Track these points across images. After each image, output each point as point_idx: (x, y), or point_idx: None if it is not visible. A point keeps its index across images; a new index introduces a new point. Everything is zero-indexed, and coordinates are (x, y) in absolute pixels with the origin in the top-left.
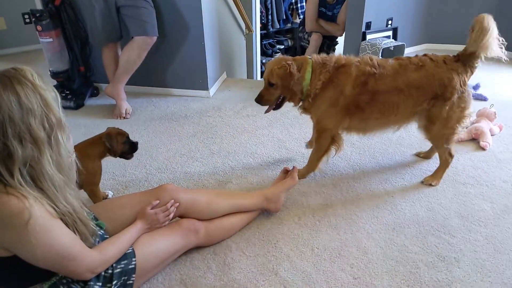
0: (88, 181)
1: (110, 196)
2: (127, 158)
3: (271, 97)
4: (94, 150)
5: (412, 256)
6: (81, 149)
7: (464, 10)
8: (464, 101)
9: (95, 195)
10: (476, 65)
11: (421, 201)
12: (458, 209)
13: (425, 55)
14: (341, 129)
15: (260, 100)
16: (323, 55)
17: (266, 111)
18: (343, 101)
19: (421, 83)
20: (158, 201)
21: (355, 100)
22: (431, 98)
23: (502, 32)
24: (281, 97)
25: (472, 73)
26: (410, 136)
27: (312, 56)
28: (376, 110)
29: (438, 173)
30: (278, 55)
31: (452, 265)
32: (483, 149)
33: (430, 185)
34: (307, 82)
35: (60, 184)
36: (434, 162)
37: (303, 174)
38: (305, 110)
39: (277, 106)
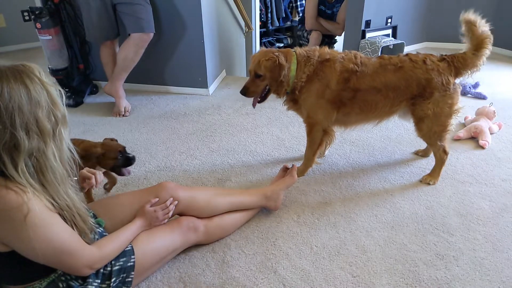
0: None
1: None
2: (120, 174)
3: (257, 88)
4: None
5: (411, 255)
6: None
7: (464, 8)
8: (450, 97)
9: (88, 197)
10: (464, 72)
11: (420, 200)
12: (457, 207)
13: (406, 55)
14: (331, 121)
15: (245, 92)
16: (306, 48)
17: (253, 104)
18: (329, 95)
19: (397, 84)
20: (157, 199)
21: (338, 95)
22: (409, 98)
23: (501, 30)
24: (266, 89)
25: (458, 75)
26: (409, 134)
27: (295, 49)
28: (356, 106)
29: (435, 171)
30: (262, 48)
31: (451, 263)
32: (482, 147)
33: (428, 184)
34: (293, 74)
35: (62, 177)
36: (433, 160)
37: (301, 171)
38: (293, 103)
39: (262, 98)
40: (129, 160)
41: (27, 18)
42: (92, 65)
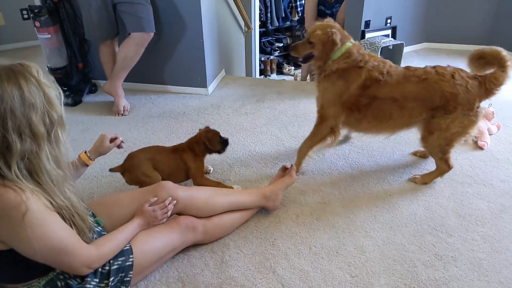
0: (195, 175)
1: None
2: (220, 153)
3: (302, 51)
4: (198, 148)
5: (409, 255)
6: (186, 147)
7: (464, 9)
8: (468, 118)
9: (204, 183)
10: (496, 92)
11: (418, 200)
12: (456, 208)
13: (434, 67)
14: (340, 121)
15: (292, 49)
16: (362, 48)
17: (299, 59)
18: (346, 97)
19: (418, 95)
20: (156, 198)
21: (355, 100)
22: (430, 109)
23: (501, 32)
24: (311, 54)
25: (488, 96)
26: (409, 135)
27: (355, 43)
28: (370, 114)
29: (429, 176)
30: (328, 20)
31: (449, 264)
32: (481, 148)
33: (414, 182)
34: (333, 58)
35: (58, 179)
36: (432, 162)
37: (296, 166)
38: (317, 83)
39: (304, 59)
40: (226, 142)
41: (26, 16)
42: (91, 64)
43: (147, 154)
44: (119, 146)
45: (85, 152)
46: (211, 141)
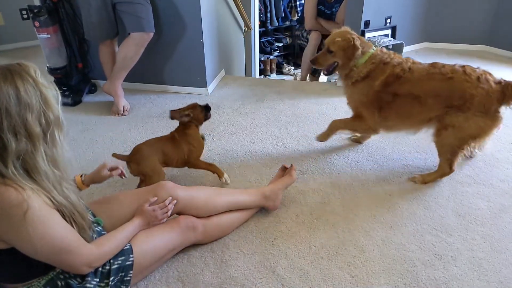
0: (193, 156)
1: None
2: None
3: (325, 62)
4: (189, 129)
5: (409, 255)
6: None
7: (463, 9)
8: (484, 120)
9: (199, 166)
10: None
11: (418, 200)
12: (456, 208)
13: (463, 66)
14: (376, 121)
15: (315, 61)
16: (383, 49)
17: (322, 71)
18: (371, 95)
19: (440, 92)
20: (156, 198)
21: (378, 97)
22: (446, 106)
23: (501, 32)
24: (335, 64)
25: (508, 102)
26: (408, 135)
27: (377, 49)
28: (393, 111)
29: (430, 176)
30: (345, 28)
31: (449, 263)
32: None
33: (414, 181)
34: (359, 64)
35: (54, 179)
36: (432, 162)
37: (323, 135)
38: (345, 87)
39: (329, 72)
40: (208, 107)
41: (25, 16)
42: (91, 64)
43: (154, 148)
44: (120, 175)
45: (81, 176)
46: (197, 116)
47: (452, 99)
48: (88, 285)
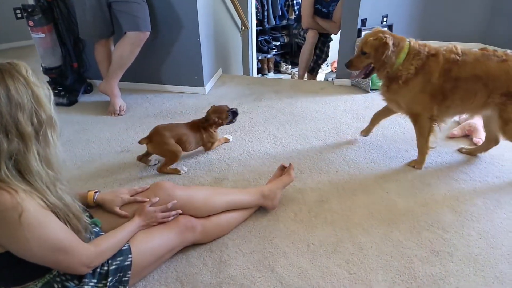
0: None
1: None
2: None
3: (360, 64)
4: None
5: (406, 251)
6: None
7: (459, 7)
8: None
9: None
10: None
11: (415, 197)
12: (452, 204)
13: None
14: (434, 110)
15: (349, 65)
16: (419, 41)
17: (357, 76)
18: (430, 89)
19: (499, 76)
20: (157, 199)
21: (441, 88)
22: (503, 93)
23: (496, 30)
24: (370, 66)
25: None
26: (405, 133)
27: (410, 40)
28: (457, 97)
29: None
30: (375, 28)
31: (446, 259)
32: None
33: None
34: (399, 62)
35: (48, 180)
36: (429, 160)
37: (419, 162)
38: (387, 90)
39: (366, 75)
40: (235, 113)
41: (19, 15)
42: (86, 63)
43: (172, 132)
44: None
45: (95, 192)
46: (222, 120)
47: (510, 85)
48: (86, 286)
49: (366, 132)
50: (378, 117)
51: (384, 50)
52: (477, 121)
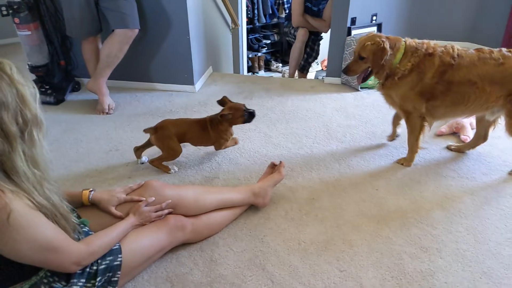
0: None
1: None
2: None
3: (358, 69)
4: (223, 125)
5: (396, 248)
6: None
7: (446, 7)
8: None
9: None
10: None
11: (404, 194)
12: (440, 201)
13: (509, 50)
14: (423, 110)
15: (347, 71)
16: (415, 40)
17: (357, 82)
18: (421, 87)
19: (496, 79)
20: (153, 198)
21: (431, 88)
22: (508, 95)
23: (482, 29)
24: (368, 70)
25: None
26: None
27: (406, 39)
28: (448, 99)
29: None
30: (369, 33)
31: (435, 255)
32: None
33: None
34: (396, 61)
35: (34, 180)
36: (417, 157)
37: (408, 160)
38: (384, 87)
39: (364, 79)
40: (252, 114)
41: (5, 13)
42: (74, 61)
43: (178, 128)
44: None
45: (90, 191)
46: (236, 119)
47: (510, 86)
48: (74, 286)
49: (391, 136)
50: (397, 118)
51: (383, 55)
52: (465, 119)
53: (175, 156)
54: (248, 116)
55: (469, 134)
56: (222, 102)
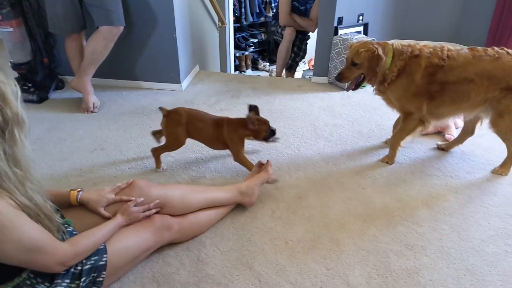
0: (233, 152)
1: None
2: (266, 141)
3: (351, 75)
4: (242, 131)
5: (382, 246)
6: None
7: (431, 7)
8: None
9: (244, 163)
10: None
11: (390, 193)
12: (425, 199)
13: (502, 48)
14: (424, 112)
15: (340, 78)
16: (402, 42)
17: (348, 88)
18: (415, 88)
19: (494, 73)
20: (142, 199)
21: (425, 88)
22: (504, 88)
23: (467, 29)
24: (361, 77)
25: None
26: (380, 130)
27: (392, 42)
28: (447, 98)
29: (506, 163)
30: (360, 39)
31: (420, 253)
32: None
33: (500, 174)
34: (387, 66)
35: (16, 179)
36: (403, 156)
37: (391, 157)
38: (381, 92)
39: (356, 85)
40: (273, 132)
41: None
42: (57, 58)
43: (190, 121)
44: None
45: (79, 191)
46: (258, 132)
47: (508, 80)
48: (58, 287)
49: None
50: (398, 123)
51: (379, 62)
52: None
53: (176, 146)
54: (270, 133)
55: (453, 133)
56: (253, 108)
